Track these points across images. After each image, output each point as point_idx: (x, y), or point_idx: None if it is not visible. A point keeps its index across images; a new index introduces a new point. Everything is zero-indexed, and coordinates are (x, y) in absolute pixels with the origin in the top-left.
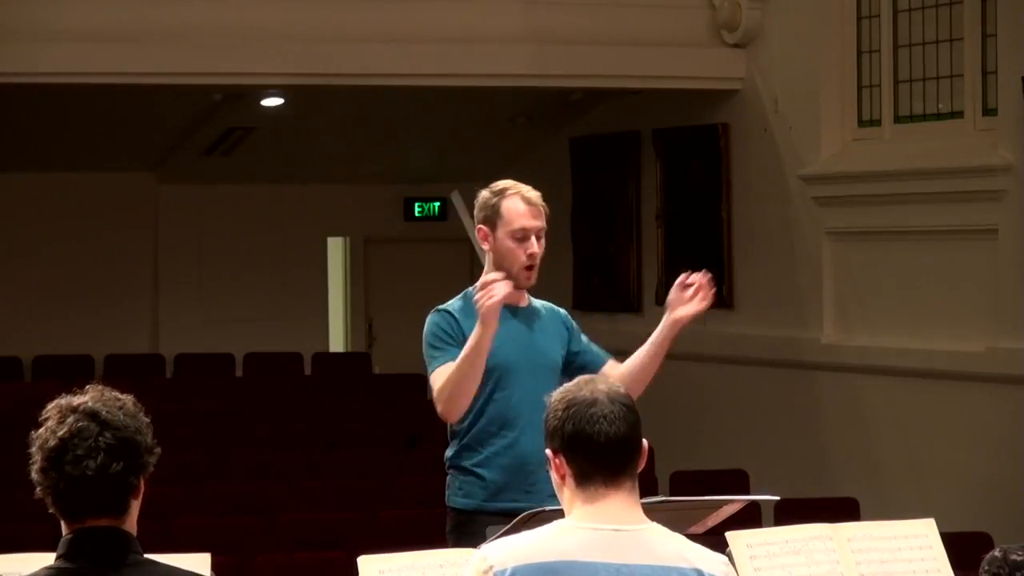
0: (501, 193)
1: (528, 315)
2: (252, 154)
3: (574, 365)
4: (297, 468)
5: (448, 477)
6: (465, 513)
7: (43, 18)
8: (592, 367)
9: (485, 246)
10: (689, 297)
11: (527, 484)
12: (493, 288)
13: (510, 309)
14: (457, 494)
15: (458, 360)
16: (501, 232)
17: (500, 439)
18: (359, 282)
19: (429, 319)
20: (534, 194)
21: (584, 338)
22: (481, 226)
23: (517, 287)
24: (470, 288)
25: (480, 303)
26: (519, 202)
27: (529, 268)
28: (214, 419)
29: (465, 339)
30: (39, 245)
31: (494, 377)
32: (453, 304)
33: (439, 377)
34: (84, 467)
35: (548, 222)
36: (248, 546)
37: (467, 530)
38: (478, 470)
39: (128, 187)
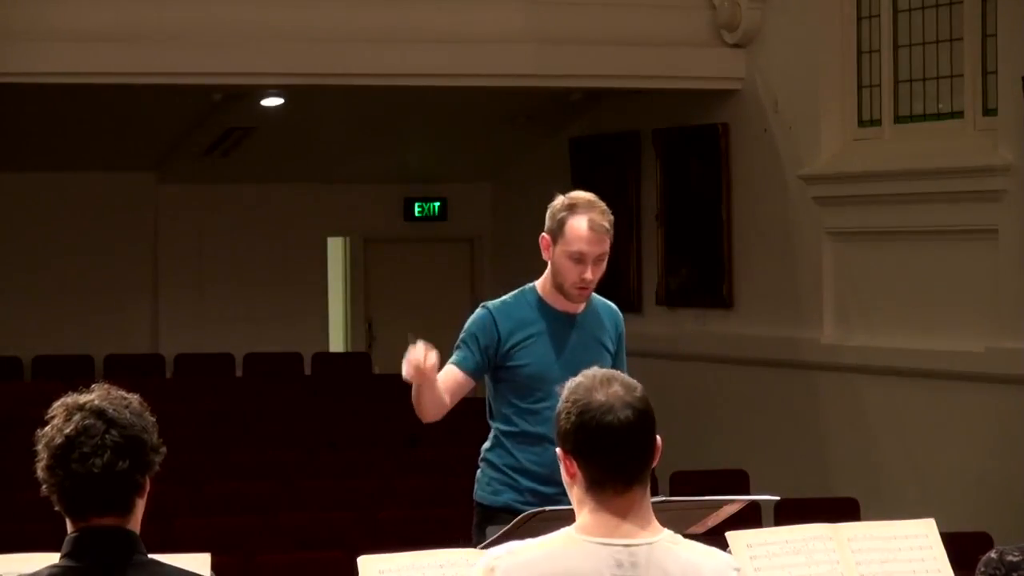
0: (571, 209)
1: (585, 323)
2: (252, 154)
3: None
4: (297, 468)
5: (479, 471)
6: (492, 510)
7: (43, 18)
8: None
9: (545, 255)
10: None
11: (554, 495)
12: (412, 370)
13: (564, 317)
14: (486, 490)
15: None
16: (560, 248)
17: (539, 447)
18: (359, 282)
19: (473, 313)
20: (603, 218)
21: (623, 352)
22: (544, 235)
23: (570, 302)
24: (527, 285)
25: (405, 371)
26: (584, 224)
27: (582, 288)
28: (214, 419)
29: (490, 342)
30: (39, 245)
31: (538, 387)
32: (498, 303)
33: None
34: (90, 465)
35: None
36: (248, 546)
37: (493, 526)
38: (512, 473)
39: (128, 187)
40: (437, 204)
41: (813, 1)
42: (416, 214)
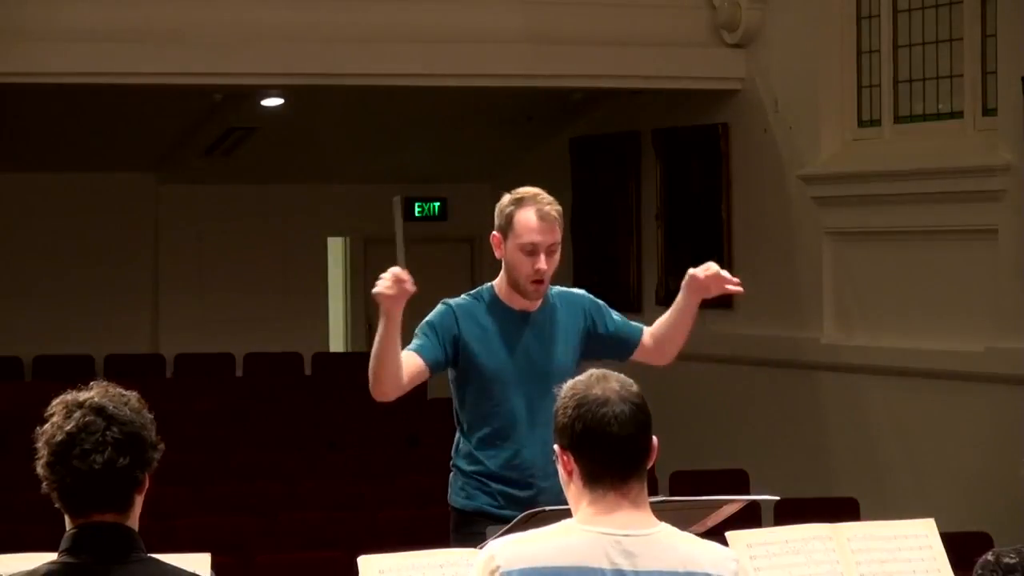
0: (518, 203)
1: (540, 320)
2: (252, 154)
3: (608, 345)
4: (297, 468)
5: (451, 475)
6: (467, 514)
7: (43, 18)
8: (629, 344)
9: (498, 253)
10: (706, 283)
11: (528, 499)
12: (391, 283)
13: (520, 315)
14: (459, 494)
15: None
16: (511, 243)
17: (502, 451)
18: (359, 282)
19: (435, 308)
20: (550, 207)
21: (615, 316)
22: (495, 232)
23: (526, 298)
24: (485, 285)
25: (375, 288)
26: (532, 215)
27: (537, 282)
28: (214, 419)
29: (455, 336)
30: (39, 245)
31: (494, 388)
32: (460, 300)
33: None
34: (91, 461)
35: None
36: (248, 546)
37: (468, 530)
38: (482, 478)
39: (128, 187)
40: (437, 204)
41: (813, 1)
42: (416, 214)
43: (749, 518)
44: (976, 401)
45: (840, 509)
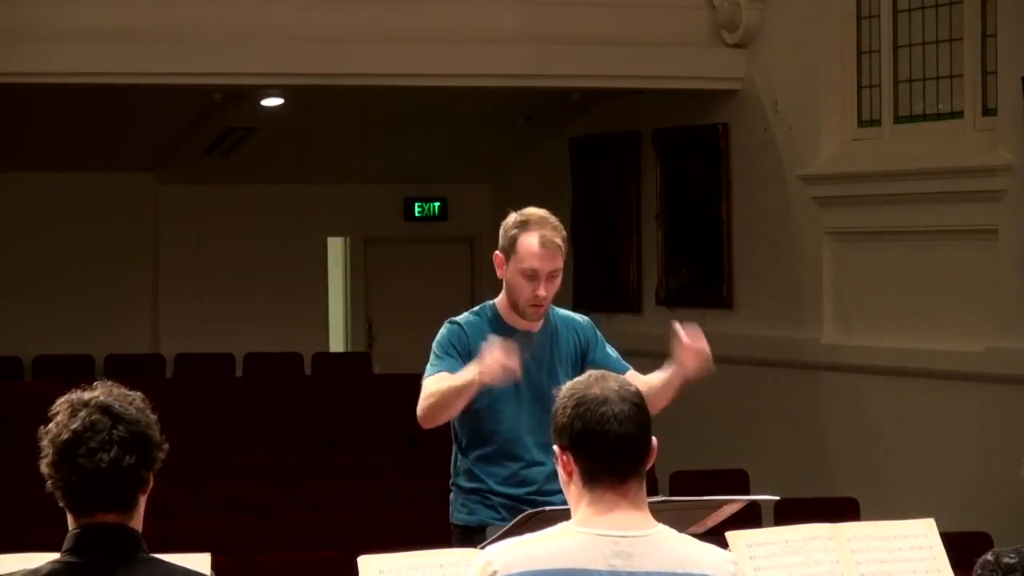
0: (523, 226)
1: (541, 341)
2: (252, 154)
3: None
4: (297, 468)
5: (452, 494)
6: (469, 529)
7: (43, 19)
8: None
9: (500, 273)
10: (689, 351)
11: (531, 504)
12: (503, 369)
13: (520, 335)
14: (461, 511)
15: (445, 386)
16: (512, 266)
17: (502, 469)
18: (359, 282)
19: (441, 329)
20: (554, 234)
21: (609, 350)
22: (497, 252)
23: (525, 320)
24: (487, 302)
25: (487, 365)
26: (535, 241)
27: (536, 306)
28: (214, 419)
29: (469, 353)
30: (39, 245)
31: (496, 406)
32: (466, 318)
33: (430, 384)
34: (98, 460)
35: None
36: (248, 546)
37: (471, 543)
38: (483, 492)
39: (128, 187)
40: (437, 204)
41: (813, 1)
42: (416, 214)
43: (749, 518)
44: (976, 401)
45: (840, 509)
